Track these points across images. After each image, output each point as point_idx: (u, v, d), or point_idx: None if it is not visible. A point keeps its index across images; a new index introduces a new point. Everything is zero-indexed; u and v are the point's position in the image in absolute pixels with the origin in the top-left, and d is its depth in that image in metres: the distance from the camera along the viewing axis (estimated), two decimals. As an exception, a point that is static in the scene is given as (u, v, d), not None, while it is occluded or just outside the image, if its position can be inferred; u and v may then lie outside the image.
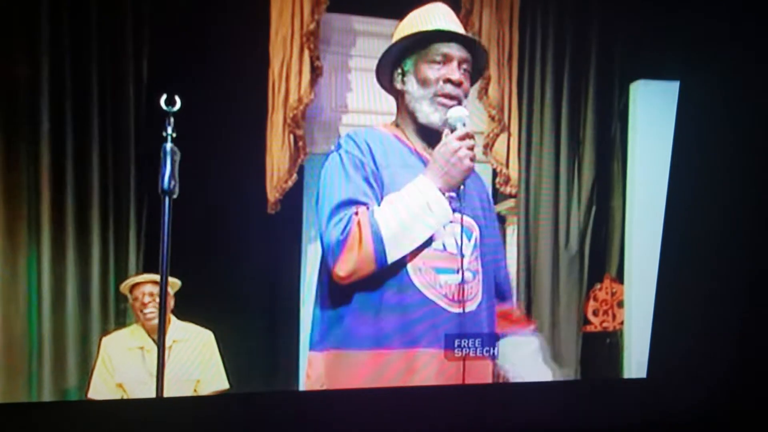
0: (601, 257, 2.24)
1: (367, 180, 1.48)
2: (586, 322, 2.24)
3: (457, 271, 1.50)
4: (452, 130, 1.51)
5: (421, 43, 1.57)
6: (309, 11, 1.93)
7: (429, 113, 1.55)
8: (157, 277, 1.76)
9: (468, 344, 1.61)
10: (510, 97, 2.13)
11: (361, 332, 1.47)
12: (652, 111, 2.18)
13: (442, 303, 1.49)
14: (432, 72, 1.55)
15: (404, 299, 1.47)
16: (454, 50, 1.56)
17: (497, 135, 2.13)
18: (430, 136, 1.58)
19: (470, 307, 1.53)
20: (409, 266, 1.48)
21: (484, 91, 2.09)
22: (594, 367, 2.23)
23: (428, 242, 1.49)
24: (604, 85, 2.20)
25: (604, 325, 2.25)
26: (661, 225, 2.14)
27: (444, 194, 1.48)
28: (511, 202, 2.19)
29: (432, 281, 1.48)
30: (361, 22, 2.01)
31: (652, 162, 2.18)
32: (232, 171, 1.92)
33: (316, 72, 1.97)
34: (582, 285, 2.23)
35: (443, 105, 1.55)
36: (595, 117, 2.20)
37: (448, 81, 1.54)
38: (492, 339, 1.69)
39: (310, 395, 1.69)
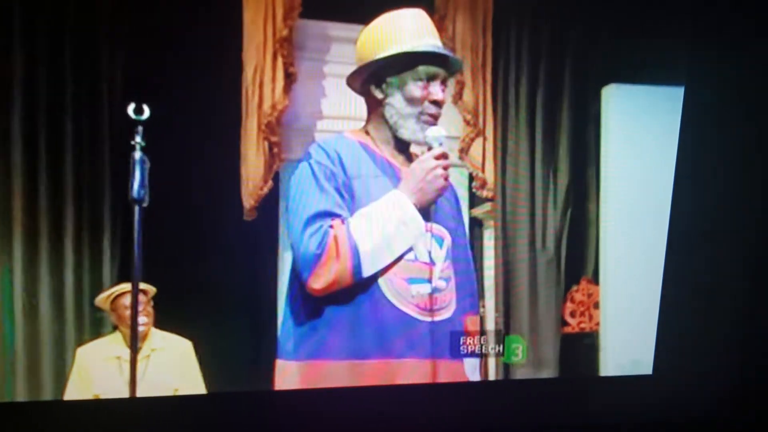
0: (578, 259, 2.26)
1: (338, 191, 1.50)
2: (564, 323, 2.26)
3: (429, 280, 1.51)
4: (429, 148, 1.53)
5: (409, 63, 1.58)
6: (282, 17, 1.92)
7: (416, 131, 1.59)
8: (140, 286, 1.75)
9: (474, 342, 1.62)
10: (485, 102, 2.13)
11: (336, 343, 1.47)
12: (624, 114, 2.20)
13: (414, 313, 1.50)
14: (419, 91, 1.58)
15: (376, 310, 1.47)
16: (440, 70, 1.59)
17: (473, 139, 2.14)
18: (401, 144, 1.59)
19: (445, 314, 1.54)
20: (381, 278, 1.48)
21: (458, 96, 2.10)
22: (572, 368, 2.24)
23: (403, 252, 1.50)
24: (577, 89, 2.22)
25: (582, 326, 2.27)
26: (635, 227, 2.18)
27: (418, 209, 1.50)
28: (487, 206, 2.20)
29: (404, 291, 1.49)
30: (335, 28, 2.00)
31: (625, 165, 2.20)
32: (207, 178, 1.91)
33: (290, 78, 1.96)
34: (559, 287, 2.24)
35: (428, 123, 1.57)
36: (569, 121, 2.21)
37: (433, 102, 1.57)
38: (499, 337, 1.71)
39: (288, 395, 1.68)
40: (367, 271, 1.46)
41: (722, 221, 2.16)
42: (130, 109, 1.62)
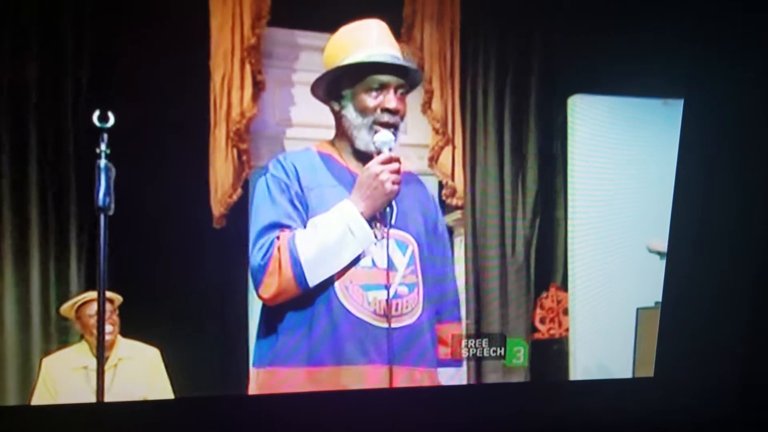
0: (547, 266, 2.28)
1: (291, 202, 1.50)
2: (534, 329, 2.28)
3: (387, 287, 1.51)
4: (379, 153, 1.53)
5: (359, 74, 1.58)
6: (249, 25, 1.92)
7: (368, 142, 1.58)
8: (105, 294, 1.74)
9: (475, 344, 1.62)
10: (453, 111, 2.15)
11: (294, 350, 1.47)
12: (590, 124, 2.24)
13: (369, 319, 1.50)
14: (370, 101, 1.58)
15: (332, 317, 1.48)
16: (391, 78, 1.58)
17: (442, 148, 2.15)
18: (366, 156, 1.60)
19: (407, 321, 1.54)
20: (336, 284, 1.49)
21: (427, 105, 2.11)
22: (543, 373, 2.26)
23: (355, 260, 1.50)
24: (544, 99, 2.24)
25: (551, 332, 2.29)
26: (601, 234, 2.21)
27: (368, 216, 1.50)
28: (457, 214, 2.21)
29: (359, 298, 1.49)
30: (303, 37, 2.01)
31: (591, 173, 2.24)
32: (175, 186, 1.90)
33: (258, 86, 1.96)
34: (529, 294, 2.27)
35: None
36: (536, 130, 2.24)
37: (385, 110, 1.56)
38: (501, 339, 1.71)
39: (258, 399, 1.67)
40: (312, 281, 1.47)
41: (724, 224, 2.18)
42: (95, 116, 1.61)
